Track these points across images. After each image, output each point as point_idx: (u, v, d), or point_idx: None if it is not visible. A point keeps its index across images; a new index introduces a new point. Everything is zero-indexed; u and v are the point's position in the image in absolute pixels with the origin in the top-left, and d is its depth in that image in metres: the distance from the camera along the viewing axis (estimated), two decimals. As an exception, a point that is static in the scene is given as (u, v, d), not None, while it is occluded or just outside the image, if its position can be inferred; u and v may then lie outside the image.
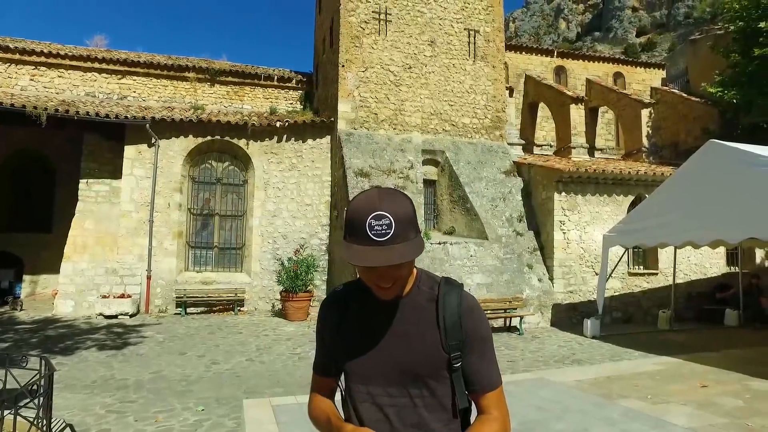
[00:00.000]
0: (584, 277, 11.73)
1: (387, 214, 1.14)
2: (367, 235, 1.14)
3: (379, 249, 1.13)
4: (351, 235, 1.19)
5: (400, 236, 1.15)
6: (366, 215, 1.15)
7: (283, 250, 12.58)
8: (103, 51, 15.00)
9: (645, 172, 12.27)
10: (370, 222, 1.14)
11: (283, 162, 13.10)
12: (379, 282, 1.21)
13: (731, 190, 7.67)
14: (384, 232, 1.13)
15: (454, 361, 1.27)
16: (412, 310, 1.30)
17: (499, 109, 13.58)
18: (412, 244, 1.17)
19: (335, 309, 1.38)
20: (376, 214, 1.14)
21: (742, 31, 14.63)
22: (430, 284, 1.34)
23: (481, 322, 1.32)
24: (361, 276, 1.27)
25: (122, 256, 11.90)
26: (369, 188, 1.28)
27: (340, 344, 1.35)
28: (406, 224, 1.17)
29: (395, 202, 1.18)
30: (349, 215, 1.20)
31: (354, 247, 1.16)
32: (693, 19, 37.13)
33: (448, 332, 1.27)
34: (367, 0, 12.77)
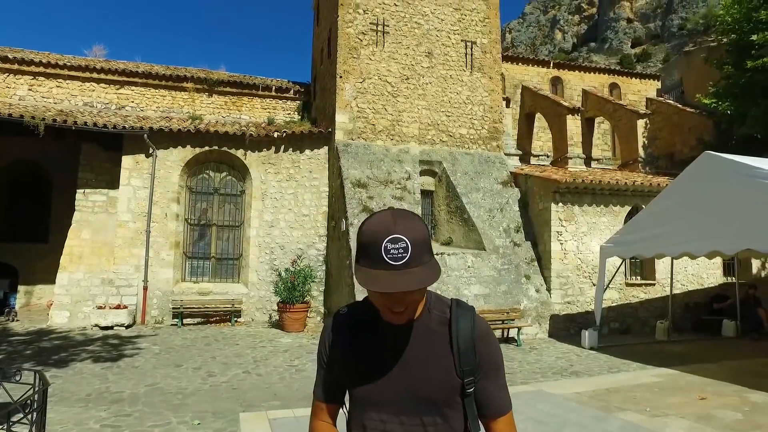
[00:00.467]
0: (582, 288, 11.73)
1: (403, 237, 1.11)
2: (383, 259, 1.10)
3: (396, 274, 1.10)
4: (365, 258, 1.14)
5: (416, 260, 1.11)
6: (381, 238, 1.11)
7: (280, 260, 12.55)
8: (101, 61, 15.04)
9: (641, 183, 12.33)
10: (386, 245, 1.10)
11: (280, 172, 13.11)
12: (393, 306, 1.18)
13: (727, 201, 7.71)
14: (400, 256, 1.10)
15: (467, 386, 1.25)
16: (424, 334, 1.27)
17: (496, 119, 13.66)
18: (429, 268, 1.14)
19: (341, 333, 1.33)
20: (393, 237, 1.11)
21: (735, 43, 14.82)
22: (441, 307, 1.31)
23: (495, 347, 1.30)
24: (373, 300, 1.24)
25: (119, 267, 11.84)
26: (382, 209, 1.25)
27: (348, 369, 1.30)
28: (422, 247, 1.14)
29: (411, 224, 1.15)
30: (363, 238, 1.16)
31: (369, 271, 1.12)
32: (687, 30, 37.52)
33: (461, 357, 1.24)
34: (365, 12, 12.87)
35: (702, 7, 37.09)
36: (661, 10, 42.44)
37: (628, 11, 44.50)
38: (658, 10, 42.83)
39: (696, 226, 8.26)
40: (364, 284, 1.13)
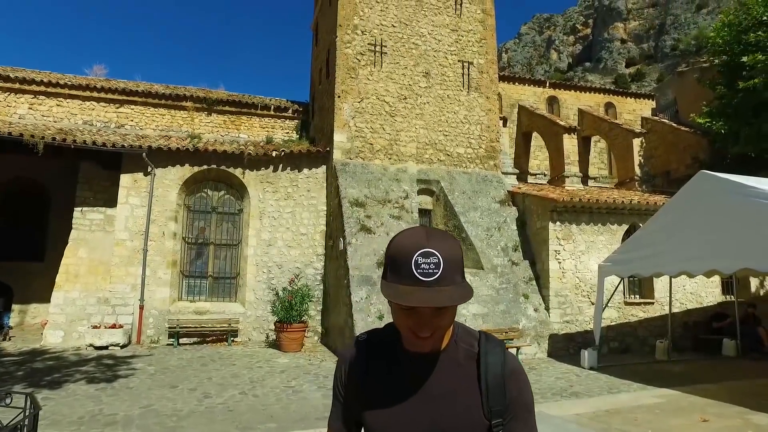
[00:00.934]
0: (580, 307, 11.68)
1: (436, 252, 1.05)
2: (413, 273, 1.04)
3: (426, 290, 1.04)
4: (393, 273, 1.08)
5: (448, 278, 1.05)
6: (412, 252, 1.05)
7: (277, 279, 12.48)
8: (101, 80, 15.17)
9: (638, 202, 12.39)
10: (416, 259, 1.05)
11: (278, 191, 13.13)
12: (419, 330, 1.10)
13: (724, 220, 7.74)
14: (431, 272, 1.04)
15: (494, 428, 1.16)
16: (450, 367, 1.19)
17: (493, 138, 13.77)
18: (461, 288, 1.07)
19: (359, 361, 1.25)
20: (424, 251, 1.05)
21: (726, 64, 15.08)
22: (469, 340, 1.23)
23: (526, 386, 1.22)
24: (397, 323, 1.16)
25: (115, 286, 11.76)
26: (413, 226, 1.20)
27: (366, 403, 1.21)
28: (455, 266, 1.08)
29: (444, 241, 1.09)
30: (392, 251, 1.10)
31: (397, 286, 1.06)
32: (679, 51, 38.18)
33: (490, 396, 1.16)
34: (363, 33, 13.07)
35: (693, 29, 37.81)
36: (654, 31, 43.22)
37: (621, 32, 45.31)
38: (650, 31, 43.62)
39: (693, 245, 8.28)
40: (392, 297, 1.06)
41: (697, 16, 39.44)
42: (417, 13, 13.65)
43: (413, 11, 13.62)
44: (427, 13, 13.75)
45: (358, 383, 1.24)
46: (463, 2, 14.15)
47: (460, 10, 14.09)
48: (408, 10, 13.57)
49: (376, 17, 13.23)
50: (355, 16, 13.05)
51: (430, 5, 13.84)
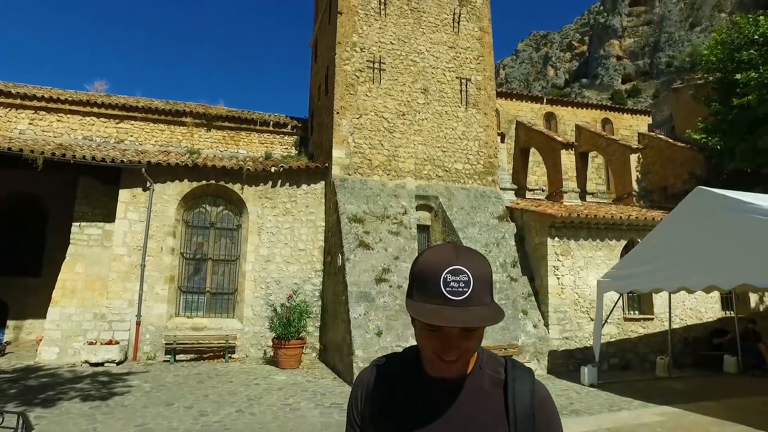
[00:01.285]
0: (580, 323, 11.63)
1: (465, 270, 1.01)
2: (441, 292, 1.00)
3: (455, 309, 0.99)
4: (420, 291, 1.04)
5: (478, 298, 1.01)
6: (441, 269, 1.01)
7: (275, 295, 12.43)
8: (102, 96, 15.26)
9: (636, 217, 12.41)
10: (445, 277, 1.00)
11: (277, 207, 13.14)
12: (445, 353, 1.04)
13: (721, 236, 7.75)
14: (461, 290, 1.00)
15: None
16: (475, 394, 1.12)
17: (491, 154, 13.85)
18: (491, 308, 1.03)
19: (377, 386, 1.18)
20: (453, 268, 1.01)
21: (720, 81, 15.26)
22: (495, 366, 1.17)
23: (556, 417, 1.16)
24: (422, 345, 1.10)
25: (112, 301, 11.69)
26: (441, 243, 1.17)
27: (384, 430, 1.15)
28: (485, 285, 1.04)
29: (474, 259, 1.05)
30: (419, 268, 1.06)
31: (423, 305, 1.02)
32: (674, 68, 38.62)
33: (519, 426, 1.10)
34: (362, 50, 13.22)
35: (687, 46, 38.33)
36: (649, 48, 43.79)
37: (617, 49, 45.90)
38: (645, 48, 44.20)
39: (692, 260, 8.28)
40: (421, 316, 1.01)
41: (691, 33, 40.01)
42: (415, 31, 13.83)
43: (411, 29, 13.80)
44: (425, 31, 13.94)
45: (375, 410, 1.17)
46: (460, 20, 14.35)
47: (457, 28, 14.28)
48: (406, 28, 13.74)
49: (375, 35, 13.40)
50: (353, 33, 13.22)
51: (429, 23, 14.03)
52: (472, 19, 14.53)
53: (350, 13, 13.29)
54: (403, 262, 11.26)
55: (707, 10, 40.83)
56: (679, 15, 42.68)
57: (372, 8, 13.51)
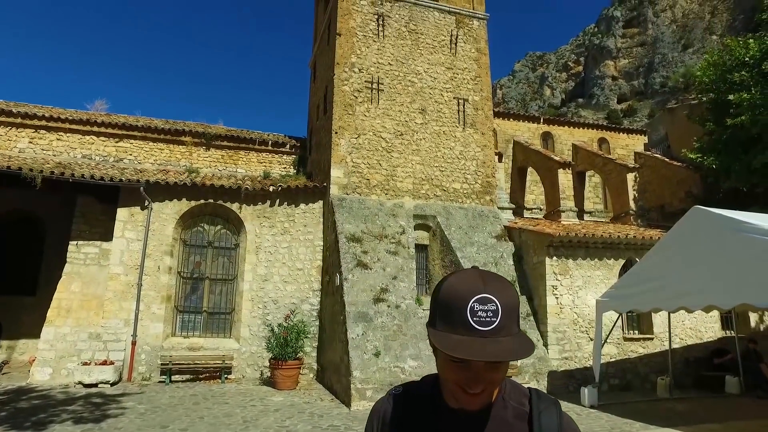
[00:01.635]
0: (579, 343, 11.54)
1: (494, 298, 0.97)
2: (468, 322, 0.95)
3: (483, 341, 0.94)
4: (445, 320, 0.99)
5: (506, 328, 0.97)
6: (467, 298, 0.97)
7: (273, 315, 12.33)
8: (102, 115, 15.35)
9: (634, 236, 12.43)
10: (472, 306, 0.96)
11: (275, 226, 13.13)
12: (470, 386, 0.99)
13: (719, 255, 7.76)
14: (489, 320, 0.95)
15: None
16: (497, 427, 1.07)
17: (489, 174, 13.92)
18: (521, 339, 0.98)
19: (394, 418, 1.14)
20: (481, 297, 0.96)
21: (714, 101, 15.45)
22: (518, 397, 1.12)
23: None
24: (445, 376, 1.05)
25: (108, 321, 11.58)
26: (465, 268, 1.09)
27: None
28: (513, 314, 0.99)
29: (502, 286, 1.00)
30: (444, 296, 1.01)
31: (449, 336, 0.97)
32: (668, 88, 39.15)
33: None
34: (361, 70, 13.38)
35: (681, 67, 38.92)
36: (643, 69, 44.44)
37: (612, 69, 46.57)
38: (640, 68, 44.85)
39: (691, 280, 8.26)
40: (449, 350, 0.95)
41: (684, 55, 40.66)
42: (413, 52, 14.03)
43: (409, 50, 14.00)
44: (423, 52, 14.14)
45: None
46: (458, 41, 14.57)
47: (455, 49, 14.49)
48: (404, 49, 13.95)
49: (373, 56, 13.59)
50: (352, 54, 13.40)
51: (426, 44, 14.24)
52: (469, 40, 14.76)
53: (349, 34, 13.50)
54: (401, 281, 11.23)
55: (699, 33, 41.59)
56: (672, 37, 43.45)
57: (370, 30, 13.73)
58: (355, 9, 13.70)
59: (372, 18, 13.81)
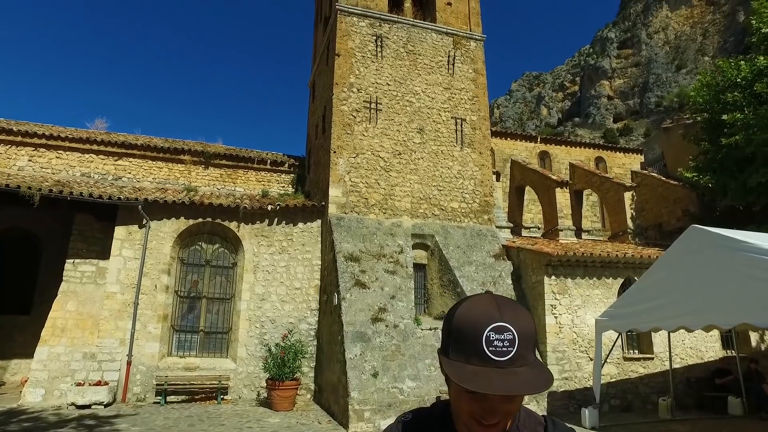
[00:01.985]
0: (579, 363, 11.44)
1: (510, 327, 0.93)
2: (483, 351, 0.92)
3: (500, 372, 0.92)
4: (459, 349, 0.96)
5: (522, 357, 0.94)
6: (483, 326, 0.93)
7: (270, 335, 12.22)
8: (102, 133, 15.43)
9: (632, 255, 12.42)
10: (488, 335, 0.93)
11: (273, 245, 13.10)
12: (485, 418, 0.96)
13: (718, 274, 7.75)
14: (505, 350, 0.92)
15: None
16: None
17: (487, 193, 13.97)
18: (539, 370, 0.95)
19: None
20: (497, 325, 0.93)
21: (708, 121, 15.63)
22: (533, 425, 1.09)
23: None
24: (457, 406, 1.01)
25: (103, 340, 11.45)
26: (478, 293, 1.07)
27: None
28: (529, 343, 0.96)
29: (518, 313, 0.97)
30: (458, 323, 0.97)
31: (464, 366, 0.94)
32: (663, 107, 39.62)
33: None
34: (359, 90, 13.53)
35: (675, 87, 39.46)
36: (638, 89, 45.03)
37: (607, 89, 47.18)
38: (635, 88, 45.45)
39: (690, 299, 8.24)
40: (464, 382, 0.92)
41: (678, 75, 41.27)
42: (411, 72, 14.21)
43: (407, 70, 14.18)
44: (420, 72, 14.32)
45: None
46: (455, 62, 14.77)
47: (452, 70, 14.69)
48: (402, 70, 14.13)
49: (372, 76, 13.75)
50: (351, 74, 13.56)
51: (424, 65, 14.44)
52: (466, 61, 14.97)
53: (347, 55, 13.68)
54: (400, 301, 11.17)
55: (691, 54, 42.28)
56: (666, 57, 44.15)
57: (369, 50, 13.92)
58: (354, 30, 13.92)
59: (370, 39, 14.02)
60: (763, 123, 12.98)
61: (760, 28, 14.58)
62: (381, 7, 14.52)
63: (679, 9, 45.22)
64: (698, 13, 43.67)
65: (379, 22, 14.26)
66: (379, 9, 14.45)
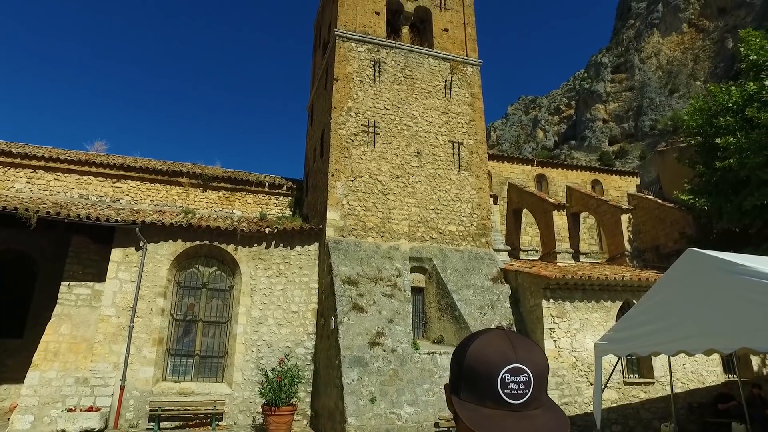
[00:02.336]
0: (579, 388, 11.31)
1: (526, 368, 0.91)
2: (499, 395, 0.89)
3: (516, 416, 0.89)
4: (471, 390, 0.93)
5: (537, 399, 0.91)
6: (498, 367, 0.91)
7: (267, 359, 12.06)
8: (101, 156, 15.49)
9: (630, 278, 12.40)
10: (503, 377, 0.90)
11: (270, 268, 13.04)
12: None
13: (717, 298, 7.71)
14: (521, 393, 0.89)
15: None
16: None
17: (484, 216, 14.01)
18: (555, 414, 0.92)
19: None
20: (513, 367, 0.90)
21: (702, 144, 15.80)
22: None
23: None
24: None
25: (96, 364, 11.27)
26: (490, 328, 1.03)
27: None
28: (543, 384, 0.93)
29: (532, 351, 0.95)
30: (471, 363, 0.94)
31: (478, 409, 0.91)
32: (658, 130, 40.13)
33: None
34: (357, 114, 13.68)
35: (668, 111, 40.03)
36: (633, 112, 45.67)
37: (602, 113, 47.83)
38: (629, 112, 46.09)
39: (689, 323, 8.18)
40: (471, 424, 0.89)
41: (671, 99, 41.93)
42: (408, 97, 14.40)
43: (405, 95, 14.37)
44: (418, 97, 14.52)
45: None
46: (452, 87, 15.00)
47: (449, 94, 14.90)
48: (400, 94, 14.32)
49: (370, 100, 13.93)
50: (349, 99, 13.74)
51: (421, 89, 14.65)
52: (463, 85, 15.20)
53: (346, 79, 13.88)
54: (397, 325, 11.07)
55: (683, 78, 43.03)
56: (658, 82, 44.93)
57: (367, 75, 14.14)
58: (353, 56, 14.16)
59: (368, 64, 14.25)
60: (755, 147, 13.14)
61: (748, 55, 14.90)
62: (379, 32, 14.81)
63: (669, 35, 46.25)
64: (688, 39, 44.67)
65: (377, 48, 14.52)
66: (377, 35, 14.73)
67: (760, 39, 14.97)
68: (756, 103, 13.63)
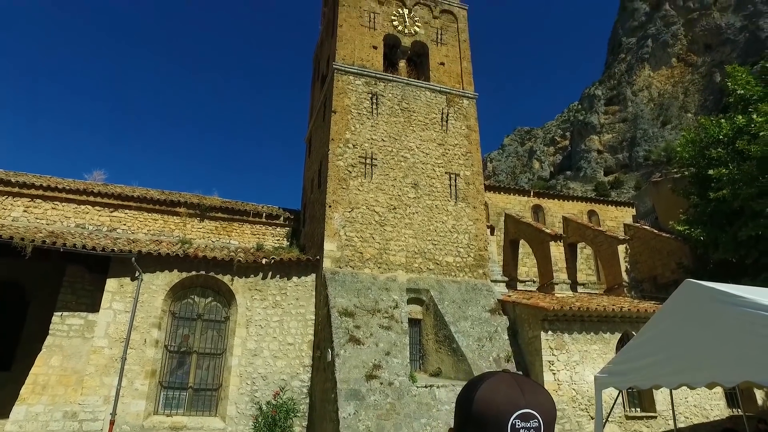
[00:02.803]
0: (580, 422, 11.08)
1: (536, 413, 0.92)
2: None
3: None
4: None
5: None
6: (509, 413, 0.91)
7: (262, 392, 11.81)
8: (99, 185, 15.51)
9: (629, 309, 12.34)
10: (514, 423, 0.90)
11: (266, 299, 12.91)
12: None
13: (716, 330, 7.62)
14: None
15: None
16: None
17: (482, 247, 14.01)
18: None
19: None
20: (523, 413, 0.91)
21: (695, 176, 16.00)
22: None
23: None
24: None
25: (86, 398, 10.99)
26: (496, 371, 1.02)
27: None
28: (552, 427, 0.94)
29: (540, 395, 0.95)
30: (481, 409, 0.94)
31: None
32: (651, 161, 40.67)
33: None
34: (354, 146, 13.84)
35: (662, 142, 40.69)
36: (627, 143, 46.39)
37: (597, 144, 48.56)
38: (623, 143, 46.81)
39: (690, 355, 8.06)
40: None
41: (663, 130, 42.68)
42: (406, 129, 14.62)
43: (402, 127, 14.59)
44: (415, 129, 14.74)
45: None
46: (448, 119, 15.25)
47: (446, 126, 15.13)
48: (397, 126, 14.54)
49: (367, 132, 14.12)
50: (347, 131, 13.93)
51: (418, 121, 14.88)
52: (459, 117, 15.46)
53: (344, 112, 14.11)
54: (395, 357, 10.92)
55: (675, 110, 43.93)
56: (651, 114, 45.82)
57: (364, 108, 14.38)
58: (350, 88, 14.44)
59: (366, 97, 14.51)
60: (747, 178, 13.32)
61: (735, 90, 15.30)
62: (376, 66, 15.15)
63: (659, 69, 47.44)
64: (678, 73, 45.82)
65: (375, 81, 14.82)
66: (375, 68, 15.06)
67: (746, 75, 15.41)
68: (746, 136, 13.89)
